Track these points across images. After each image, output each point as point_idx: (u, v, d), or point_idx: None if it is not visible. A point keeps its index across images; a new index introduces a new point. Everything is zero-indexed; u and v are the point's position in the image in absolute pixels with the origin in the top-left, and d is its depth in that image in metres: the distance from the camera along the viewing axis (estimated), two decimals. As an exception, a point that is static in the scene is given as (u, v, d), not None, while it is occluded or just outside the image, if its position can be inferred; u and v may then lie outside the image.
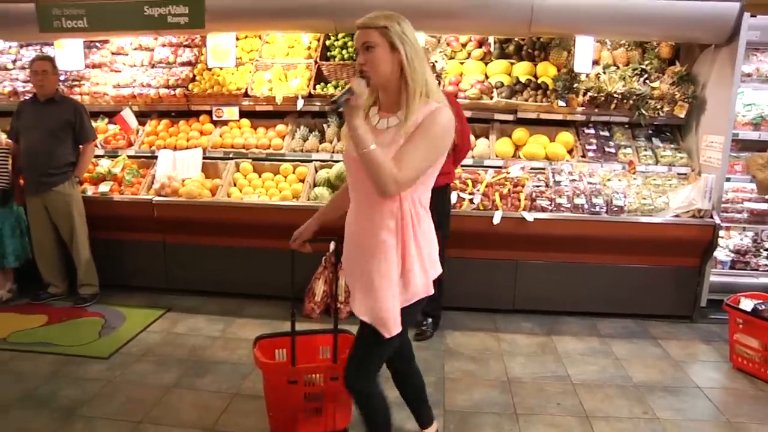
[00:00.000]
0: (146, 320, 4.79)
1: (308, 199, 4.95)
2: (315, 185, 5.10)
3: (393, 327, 2.39)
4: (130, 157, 5.62)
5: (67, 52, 5.88)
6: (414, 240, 2.39)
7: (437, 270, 2.58)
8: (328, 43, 5.83)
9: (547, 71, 5.43)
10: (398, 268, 2.39)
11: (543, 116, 5.26)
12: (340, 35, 5.75)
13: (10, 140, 5.13)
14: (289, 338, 3.15)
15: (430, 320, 4.56)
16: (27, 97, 5.35)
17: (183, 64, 6.05)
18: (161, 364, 4.09)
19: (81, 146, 5.05)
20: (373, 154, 2.21)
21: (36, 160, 4.90)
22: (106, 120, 5.97)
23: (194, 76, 5.87)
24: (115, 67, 6.22)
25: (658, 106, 5.12)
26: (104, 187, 5.29)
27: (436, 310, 4.59)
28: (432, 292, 2.52)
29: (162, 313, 4.94)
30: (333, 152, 5.30)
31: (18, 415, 3.50)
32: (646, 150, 5.24)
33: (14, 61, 6.53)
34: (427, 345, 4.40)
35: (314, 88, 5.48)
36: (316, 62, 5.69)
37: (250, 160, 5.40)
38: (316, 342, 3.35)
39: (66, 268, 5.25)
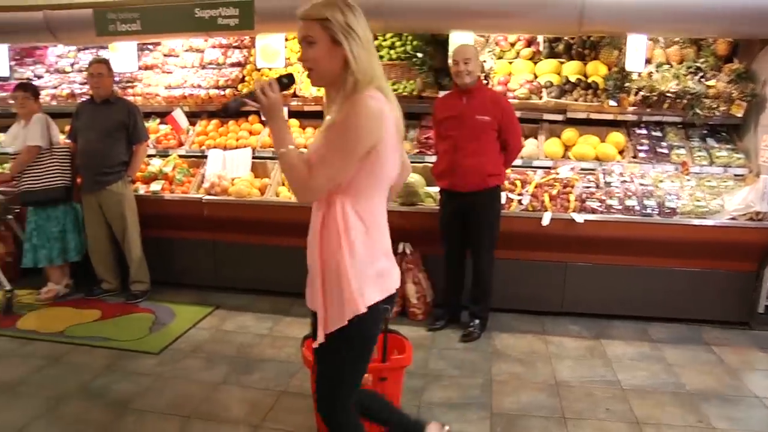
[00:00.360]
0: (195, 317, 4.86)
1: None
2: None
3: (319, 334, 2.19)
4: (180, 156, 5.73)
5: (121, 55, 6.03)
6: (334, 255, 2.11)
7: (371, 294, 2.15)
8: (376, 42, 5.84)
9: (597, 70, 5.34)
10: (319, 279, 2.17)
11: (593, 116, 5.17)
12: (387, 35, 5.75)
13: (68, 140, 5.28)
14: (337, 337, 3.16)
15: (477, 321, 4.52)
16: (84, 99, 5.50)
17: (232, 65, 6.14)
18: (210, 361, 4.15)
19: (134, 146, 5.16)
20: (287, 156, 2.08)
21: (92, 159, 5.02)
22: (158, 120, 6.09)
23: (243, 76, 5.94)
24: (167, 69, 6.34)
25: (714, 105, 4.97)
26: (156, 186, 5.39)
27: (483, 311, 4.56)
28: (360, 313, 2.12)
29: (211, 310, 5.01)
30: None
31: (75, 406, 3.61)
32: (700, 150, 5.10)
33: (72, 65, 6.72)
34: (474, 346, 4.37)
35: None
36: (364, 62, 5.69)
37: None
38: (364, 342, 3.34)
39: (118, 265, 5.37)
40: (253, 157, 5.49)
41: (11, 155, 5.41)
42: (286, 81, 2.19)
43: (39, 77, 6.72)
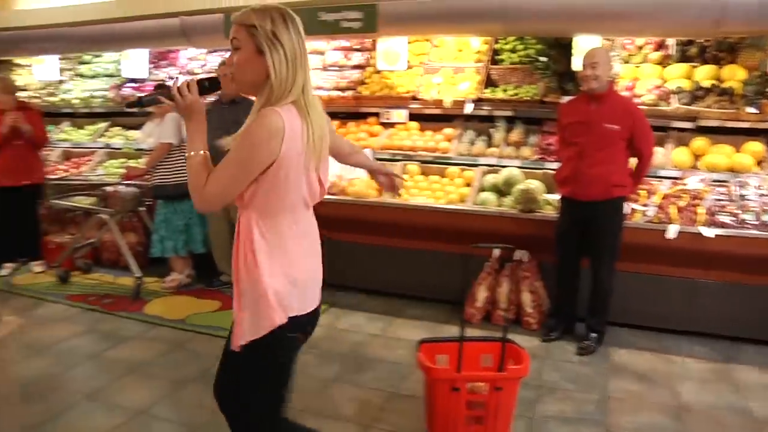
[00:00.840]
0: (311, 314, 4.97)
1: (474, 204, 4.92)
2: (482, 190, 5.05)
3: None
4: (301, 156, 5.86)
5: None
6: (243, 264, 2.08)
7: (275, 317, 2.07)
8: (497, 46, 5.77)
9: (734, 75, 5.03)
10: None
11: (728, 124, 4.85)
12: (509, 38, 5.67)
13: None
14: (452, 344, 3.14)
15: (594, 335, 4.37)
16: (212, 99, 5.75)
17: (353, 67, 6.24)
18: (323, 358, 4.23)
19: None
20: (191, 161, 2.07)
21: (219, 156, 5.23)
22: (280, 120, 6.26)
23: (364, 79, 6.03)
24: (291, 70, 6.51)
25: None
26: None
27: (600, 324, 4.40)
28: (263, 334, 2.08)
29: (325, 307, 5.08)
30: (500, 157, 5.23)
31: (194, 391, 3.80)
32: None
33: (201, 66, 7.05)
34: (590, 360, 4.22)
35: (483, 92, 5.45)
36: (485, 66, 5.65)
37: (417, 163, 5.45)
38: (478, 349, 3.30)
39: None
40: (372, 159, 5.52)
41: (146, 151, 5.75)
42: (207, 85, 2.12)
43: (172, 78, 7.11)
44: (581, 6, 4.55)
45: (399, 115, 5.71)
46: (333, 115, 6.13)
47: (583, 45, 4.82)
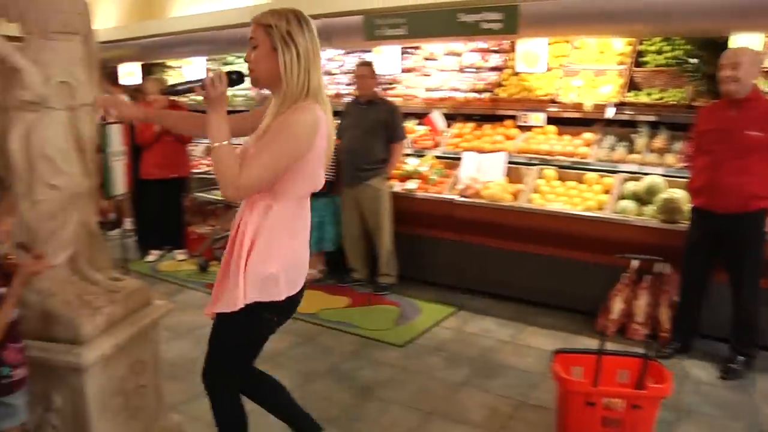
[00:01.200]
0: (439, 315, 4.98)
1: (613, 212, 4.72)
2: (621, 198, 4.84)
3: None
4: (436, 157, 5.88)
5: (385, 58, 6.38)
6: (240, 249, 2.26)
7: (252, 294, 2.26)
8: (641, 48, 5.50)
9: None
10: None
11: None
12: (655, 39, 5.39)
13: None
14: (588, 356, 3.04)
15: (741, 358, 4.07)
16: (350, 99, 5.89)
17: (491, 69, 6.16)
18: (452, 361, 4.21)
19: (393, 145, 5.40)
20: (220, 151, 2.13)
21: (353, 156, 5.36)
22: (416, 121, 6.32)
23: (501, 81, 5.95)
24: (426, 72, 6.55)
25: None
26: (411, 185, 5.59)
27: (749, 347, 4.08)
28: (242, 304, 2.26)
29: (454, 310, 5.10)
30: (642, 164, 4.98)
31: (323, 385, 3.89)
32: None
33: (339, 67, 7.23)
34: (737, 385, 3.92)
35: (625, 96, 5.22)
36: (628, 68, 5.41)
37: (554, 167, 5.30)
38: (615, 364, 3.16)
39: (369, 257, 5.68)
40: (508, 162, 5.45)
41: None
42: (234, 77, 2.24)
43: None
44: (741, 1, 4.25)
45: (536, 118, 5.58)
46: (468, 117, 6.11)
47: (740, 44, 4.50)
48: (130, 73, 8.98)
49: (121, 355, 2.62)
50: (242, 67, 2.89)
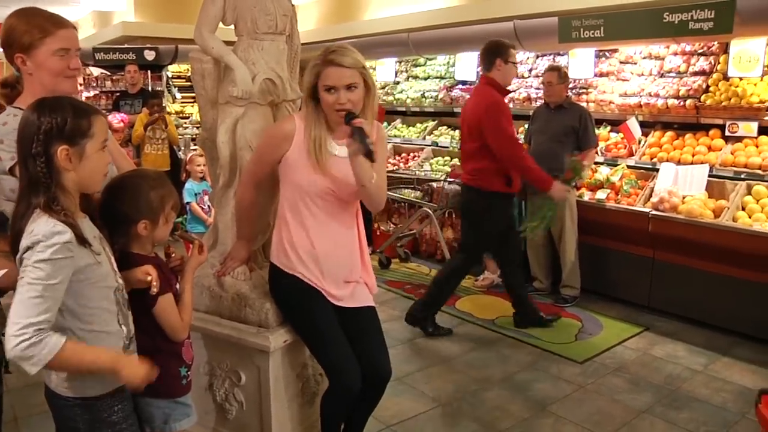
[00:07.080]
0: (623, 334, 4.69)
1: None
2: None
3: None
4: (629, 167, 5.54)
5: (579, 61, 6.15)
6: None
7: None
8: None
9: None
10: None
11: None
12: None
13: (523, 142, 5.55)
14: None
15: None
16: (540, 103, 5.74)
17: (695, 73, 5.68)
18: (634, 384, 3.95)
19: (582, 151, 5.17)
20: (374, 186, 2.43)
21: (541, 161, 5.17)
22: (609, 128, 6.02)
23: (708, 86, 5.47)
24: (622, 76, 6.20)
25: None
26: (601, 194, 5.32)
27: None
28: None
29: (640, 330, 4.78)
30: None
31: (496, 394, 3.81)
32: None
33: (530, 70, 7.07)
34: None
35: None
36: None
37: (766, 184, 4.77)
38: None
39: (552, 266, 5.48)
40: (710, 175, 4.99)
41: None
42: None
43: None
44: None
45: (748, 128, 5.03)
46: (667, 126, 5.71)
47: None
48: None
49: (300, 345, 2.73)
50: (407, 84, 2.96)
